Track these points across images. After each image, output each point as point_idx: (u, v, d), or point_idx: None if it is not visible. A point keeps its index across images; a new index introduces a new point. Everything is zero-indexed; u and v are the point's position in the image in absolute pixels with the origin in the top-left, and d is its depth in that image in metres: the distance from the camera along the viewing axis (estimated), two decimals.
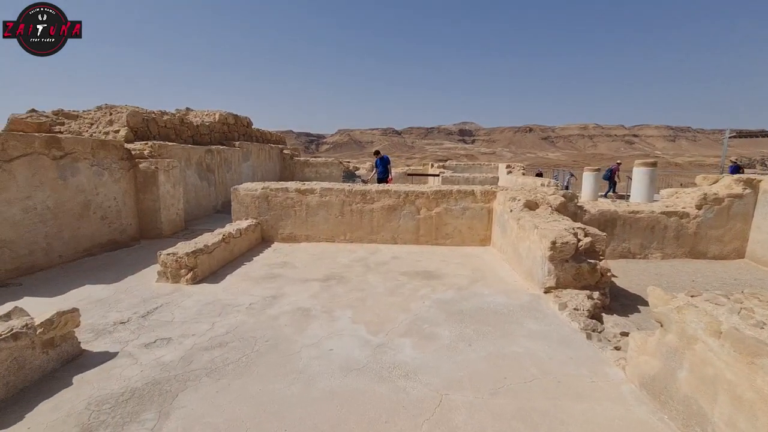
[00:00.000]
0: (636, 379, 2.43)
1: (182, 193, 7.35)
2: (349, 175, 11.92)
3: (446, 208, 6.17)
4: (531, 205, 5.23)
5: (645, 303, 4.31)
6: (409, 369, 2.66)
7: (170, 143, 7.74)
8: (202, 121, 10.75)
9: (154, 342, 3.01)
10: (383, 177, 10.20)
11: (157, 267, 4.47)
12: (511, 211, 5.24)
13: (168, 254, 4.38)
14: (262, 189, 6.37)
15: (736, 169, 14.68)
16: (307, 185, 6.43)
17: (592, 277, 3.99)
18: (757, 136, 16.03)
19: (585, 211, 5.95)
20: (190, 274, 4.37)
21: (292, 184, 6.44)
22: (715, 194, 5.92)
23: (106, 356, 2.78)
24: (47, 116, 7.62)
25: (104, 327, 3.24)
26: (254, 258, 5.48)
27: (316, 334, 3.19)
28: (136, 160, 6.59)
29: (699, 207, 5.93)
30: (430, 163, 18.69)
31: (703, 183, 6.42)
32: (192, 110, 11.97)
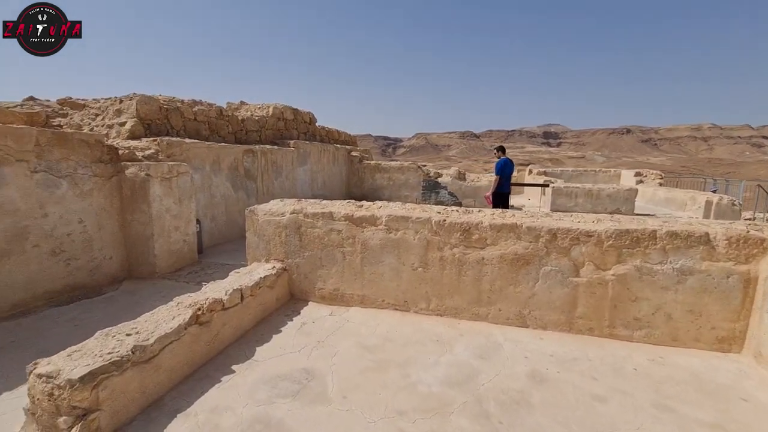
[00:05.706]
0: None
1: (194, 211, 5.16)
2: (432, 186, 9.04)
3: (639, 267, 3.02)
4: None
5: None
6: None
7: (188, 140, 5.65)
8: (251, 114, 8.73)
9: None
10: (503, 192, 6.85)
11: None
12: None
13: (43, 379, 1.98)
14: (293, 213, 3.82)
15: None
16: (366, 209, 3.73)
17: None
18: None
19: None
20: (77, 428, 1.91)
21: (340, 207, 3.80)
22: None
23: None
24: (49, 105, 6.02)
25: None
26: (258, 348, 2.92)
27: None
28: (124, 163, 4.50)
29: None
30: (527, 170, 15.04)
31: None
32: (246, 104, 10.13)
